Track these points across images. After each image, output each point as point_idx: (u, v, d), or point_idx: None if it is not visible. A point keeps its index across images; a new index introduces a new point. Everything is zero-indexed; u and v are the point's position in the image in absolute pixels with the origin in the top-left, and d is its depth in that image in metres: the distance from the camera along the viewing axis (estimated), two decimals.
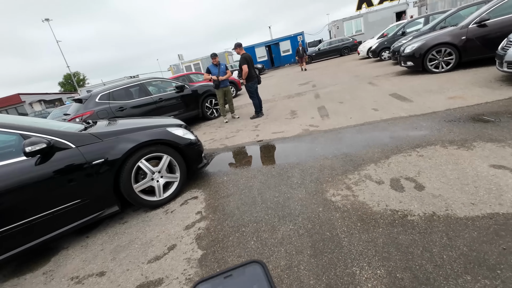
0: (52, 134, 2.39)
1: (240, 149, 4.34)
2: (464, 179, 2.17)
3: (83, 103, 5.65)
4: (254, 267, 0.29)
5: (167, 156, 2.95)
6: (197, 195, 3.04)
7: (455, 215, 1.82)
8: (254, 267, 0.29)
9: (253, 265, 0.29)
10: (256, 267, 0.29)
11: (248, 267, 0.29)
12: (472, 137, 2.81)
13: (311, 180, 2.75)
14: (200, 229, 2.37)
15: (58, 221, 2.38)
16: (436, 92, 4.76)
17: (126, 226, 2.71)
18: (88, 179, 2.48)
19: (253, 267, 0.29)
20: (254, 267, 0.29)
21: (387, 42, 11.22)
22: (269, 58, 26.51)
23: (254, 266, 0.29)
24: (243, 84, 6.08)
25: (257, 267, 0.29)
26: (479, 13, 5.56)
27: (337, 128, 4.15)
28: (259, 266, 0.29)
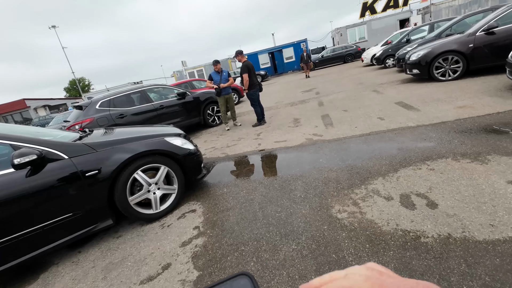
0: (44, 144, 2.29)
1: (241, 158, 4.22)
2: (481, 196, 2.02)
3: (83, 110, 5.59)
4: (243, 280, 0.28)
5: (164, 167, 2.83)
6: (195, 208, 2.90)
7: (473, 238, 1.66)
8: (242, 280, 0.28)
9: (241, 278, 0.28)
10: (244, 280, 0.28)
11: (236, 280, 0.28)
12: (486, 150, 2.66)
13: (315, 194, 2.60)
14: (197, 247, 2.23)
15: (48, 236, 2.26)
16: (444, 101, 4.62)
17: (120, 241, 2.58)
18: (81, 191, 2.36)
19: (241, 280, 0.28)
20: (243, 280, 0.28)
21: (391, 49, 11.13)
22: (272, 65, 26.55)
23: (242, 278, 0.28)
24: (245, 91, 5.99)
25: (245, 280, 0.28)
26: (487, 21, 5.44)
27: (341, 138, 4.01)
28: (247, 278, 0.28)
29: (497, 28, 5.24)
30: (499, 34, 5.26)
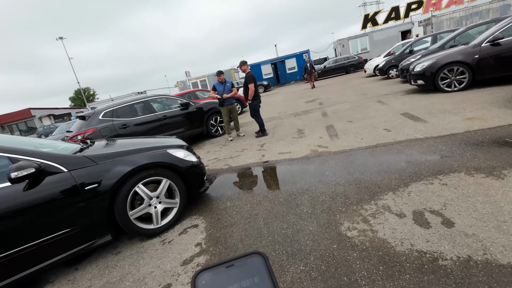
0: (43, 157, 2.22)
1: (245, 170, 4.13)
2: (500, 215, 1.90)
3: (86, 120, 5.57)
4: (256, 259, 0.28)
5: (166, 180, 2.74)
6: (197, 223, 2.80)
7: (497, 262, 1.54)
8: (255, 259, 0.28)
9: (255, 256, 0.28)
10: (257, 259, 0.28)
11: (250, 258, 0.28)
12: (500, 164, 2.55)
13: (322, 209, 2.49)
14: (199, 266, 2.11)
15: (44, 252, 2.17)
16: (451, 113, 4.54)
17: (119, 258, 2.47)
18: (79, 206, 2.28)
19: (254, 259, 0.28)
20: (256, 259, 0.28)
21: (394, 60, 11.15)
22: (275, 75, 26.77)
23: (255, 257, 0.28)
24: (248, 101, 5.94)
25: (258, 259, 0.28)
26: (492, 32, 5.41)
27: (347, 150, 3.92)
28: (260, 258, 0.28)
29: (502, 39, 5.21)
30: (505, 45, 5.23)
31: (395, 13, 24.28)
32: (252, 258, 0.28)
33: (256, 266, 0.27)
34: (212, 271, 0.27)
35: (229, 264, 0.28)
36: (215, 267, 0.28)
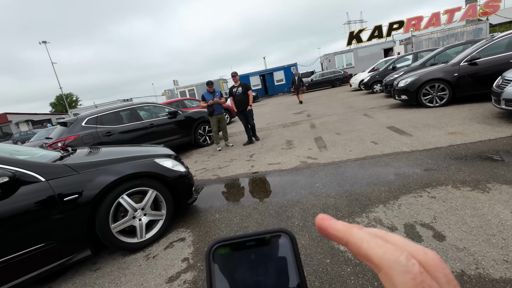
0: (18, 165, 2.07)
1: (234, 181, 4.04)
2: (488, 228, 1.93)
3: (67, 127, 5.33)
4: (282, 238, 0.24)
5: (152, 190, 2.62)
6: (184, 236, 2.67)
7: (489, 276, 1.54)
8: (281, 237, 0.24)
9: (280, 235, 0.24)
10: (283, 238, 0.24)
11: (274, 236, 0.24)
12: (484, 178, 2.63)
13: (313, 222, 2.44)
14: (185, 283, 2.00)
15: (14, 269, 1.98)
16: (434, 127, 4.70)
17: (98, 275, 2.30)
18: (57, 218, 2.12)
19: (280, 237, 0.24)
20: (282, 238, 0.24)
21: (378, 75, 11.58)
22: (263, 86, 27.10)
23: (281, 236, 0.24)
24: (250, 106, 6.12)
25: (284, 238, 0.24)
26: (470, 52, 5.74)
27: (336, 162, 3.94)
28: (286, 237, 0.24)
29: (479, 59, 5.53)
30: (482, 64, 5.54)
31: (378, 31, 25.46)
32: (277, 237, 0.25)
33: (280, 245, 0.24)
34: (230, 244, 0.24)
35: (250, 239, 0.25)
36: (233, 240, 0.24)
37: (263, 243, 0.24)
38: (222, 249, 0.24)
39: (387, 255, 0.19)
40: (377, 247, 0.20)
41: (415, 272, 0.18)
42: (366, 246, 0.21)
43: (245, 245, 0.24)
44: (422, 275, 0.18)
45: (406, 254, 0.19)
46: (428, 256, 0.20)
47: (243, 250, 0.24)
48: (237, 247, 0.24)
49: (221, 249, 0.24)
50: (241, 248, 0.24)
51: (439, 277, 0.19)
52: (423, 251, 0.20)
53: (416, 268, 0.19)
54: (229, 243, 0.24)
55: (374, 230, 0.22)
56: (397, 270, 0.19)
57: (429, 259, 0.20)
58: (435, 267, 0.19)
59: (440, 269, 0.19)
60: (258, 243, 0.24)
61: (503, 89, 4.07)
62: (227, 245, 0.24)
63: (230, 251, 0.24)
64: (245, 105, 6.05)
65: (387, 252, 0.20)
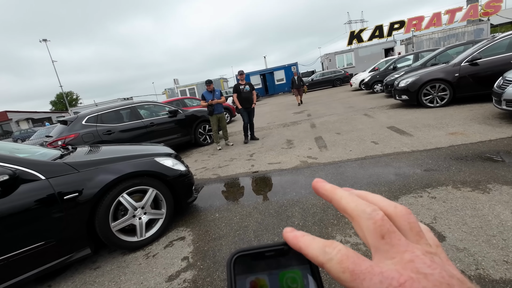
0: (19, 163, 2.06)
1: (234, 180, 4.04)
2: (488, 229, 1.93)
3: (68, 125, 5.32)
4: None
5: (153, 189, 2.62)
6: (184, 235, 2.67)
7: (490, 277, 1.54)
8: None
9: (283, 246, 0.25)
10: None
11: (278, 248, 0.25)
12: (485, 179, 2.63)
13: (314, 221, 2.45)
14: (185, 282, 2.00)
15: (14, 268, 1.98)
16: (435, 127, 4.69)
17: (98, 273, 2.30)
18: (57, 217, 2.12)
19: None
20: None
21: (379, 75, 11.57)
22: (264, 86, 27.09)
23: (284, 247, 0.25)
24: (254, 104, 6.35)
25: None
26: (471, 52, 5.74)
27: (337, 161, 3.94)
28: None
29: (480, 59, 5.52)
30: (482, 65, 5.54)
31: (379, 31, 25.44)
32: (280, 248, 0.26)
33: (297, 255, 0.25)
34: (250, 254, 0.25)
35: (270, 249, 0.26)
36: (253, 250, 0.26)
37: (281, 254, 0.25)
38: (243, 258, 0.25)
39: (357, 207, 0.23)
40: (352, 202, 0.24)
41: (377, 218, 0.22)
42: (344, 201, 0.24)
43: (264, 255, 0.25)
44: (382, 221, 0.22)
45: (373, 207, 0.23)
46: (397, 209, 0.23)
47: (263, 260, 0.25)
48: (256, 256, 0.25)
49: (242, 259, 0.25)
50: (260, 258, 0.25)
51: (403, 224, 0.22)
52: (393, 205, 0.24)
53: (379, 216, 0.22)
54: (249, 253, 0.25)
55: (358, 192, 0.26)
56: (363, 217, 0.22)
57: (397, 211, 0.23)
58: (401, 217, 0.23)
59: (405, 218, 0.23)
60: (277, 254, 0.25)
61: (504, 89, 4.06)
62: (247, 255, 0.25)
63: (250, 261, 0.25)
64: (251, 102, 6.26)
65: (358, 205, 0.23)
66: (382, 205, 0.24)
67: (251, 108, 6.28)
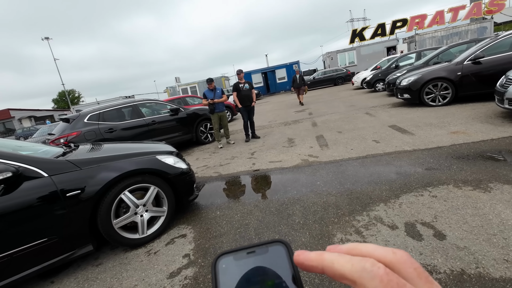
0: (22, 160, 2.08)
1: (235, 178, 4.05)
2: (489, 228, 1.93)
3: (70, 123, 5.35)
4: (278, 247, 0.27)
5: (154, 187, 2.64)
6: (185, 232, 2.69)
7: (489, 275, 1.55)
8: (278, 247, 0.27)
9: (277, 245, 0.27)
10: (280, 247, 0.27)
11: (272, 246, 0.27)
12: (486, 178, 2.62)
13: (314, 220, 2.46)
14: (186, 278, 2.01)
15: (17, 264, 2.00)
16: (436, 126, 4.68)
17: (100, 270, 2.32)
18: (59, 214, 2.14)
19: (277, 247, 0.27)
20: (278, 247, 0.27)
21: (381, 74, 11.51)
22: (265, 84, 27.05)
23: (278, 245, 0.27)
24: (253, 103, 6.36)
25: (281, 247, 0.27)
26: (474, 51, 5.70)
27: (338, 160, 3.94)
28: (283, 246, 0.27)
29: (483, 58, 5.49)
30: (485, 64, 5.50)
31: (381, 29, 25.30)
32: (275, 246, 0.27)
33: (278, 254, 0.26)
34: (233, 255, 0.27)
35: (251, 250, 0.27)
36: (236, 251, 0.27)
37: (262, 252, 0.27)
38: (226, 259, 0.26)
39: (355, 267, 0.20)
40: (346, 262, 0.21)
41: (380, 274, 0.19)
42: (337, 265, 0.21)
43: (246, 255, 0.27)
44: (388, 276, 0.19)
45: (371, 261, 0.20)
46: (397, 255, 0.21)
47: (245, 259, 0.26)
48: (239, 257, 0.27)
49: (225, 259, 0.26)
50: (243, 257, 0.27)
51: (409, 272, 0.20)
52: (391, 252, 0.22)
53: (382, 271, 0.20)
54: (231, 254, 0.27)
55: (347, 246, 0.24)
56: (366, 277, 0.20)
57: (398, 258, 0.21)
58: (404, 263, 0.21)
59: (409, 265, 0.20)
60: (258, 252, 0.27)
61: (506, 88, 4.04)
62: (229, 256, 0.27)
63: (233, 261, 0.26)
64: (250, 100, 6.28)
65: (354, 264, 0.21)
66: (378, 254, 0.22)
67: (251, 107, 6.30)
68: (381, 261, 0.21)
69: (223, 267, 0.26)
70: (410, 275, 0.20)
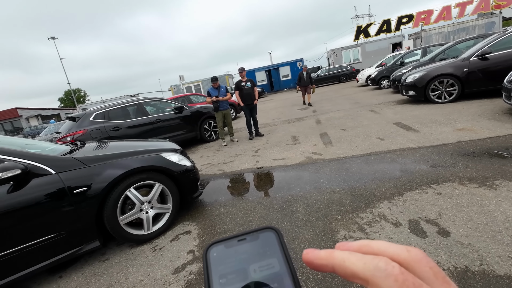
0: (31, 158, 2.13)
1: (239, 176, 4.07)
2: (494, 225, 1.92)
3: (76, 121, 5.42)
4: (269, 234, 0.27)
5: (159, 184, 2.67)
6: (190, 229, 2.72)
7: (494, 272, 1.54)
8: (269, 233, 0.27)
9: (268, 231, 0.27)
10: (271, 234, 0.27)
11: (263, 233, 0.27)
12: (492, 175, 2.60)
13: (318, 217, 2.47)
14: (191, 274, 2.04)
15: (27, 259, 2.05)
16: (442, 123, 4.63)
17: (107, 265, 2.37)
18: (67, 210, 2.18)
19: (268, 233, 0.27)
20: (269, 234, 0.27)
21: (386, 71, 11.41)
22: (269, 82, 27.00)
23: (269, 232, 0.27)
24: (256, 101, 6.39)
25: (271, 234, 0.27)
26: (481, 46, 5.61)
27: (342, 158, 3.93)
28: (273, 233, 0.27)
29: (490, 54, 5.40)
30: (492, 59, 5.41)
31: (387, 26, 25.01)
32: (265, 233, 0.27)
33: (268, 241, 0.27)
34: (224, 243, 0.27)
35: (241, 237, 0.27)
36: (227, 240, 0.27)
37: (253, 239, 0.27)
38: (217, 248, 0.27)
39: (367, 266, 0.20)
40: (357, 260, 0.20)
41: (395, 273, 0.19)
42: (348, 263, 0.21)
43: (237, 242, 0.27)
44: (403, 275, 0.19)
45: (385, 259, 0.20)
46: (411, 253, 0.20)
47: (236, 246, 0.27)
48: (230, 245, 0.27)
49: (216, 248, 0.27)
50: (234, 245, 0.27)
51: (424, 271, 0.19)
52: (405, 249, 0.21)
53: (396, 270, 0.19)
54: (222, 242, 0.27)
55: (357, 243, 0.23)
56: (379, 276, 0.19)
57: (413, 256, 0.20)
58: (419, 262, 0.20)
59: (424, 263, 0.20)
60: (248, 240, 0.27)
61: None
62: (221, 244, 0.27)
63: (224, 249, 0.27)
64: (253, 98, 6.30)
65: (367, 262, 0.20)
66: (391, 252, 0.21)
67: (253, 105, 6.31)
68: (394, 259, 0.20)
69: (214, 255, 0.26)
70: (426, 275, 0.19)
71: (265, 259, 0.26)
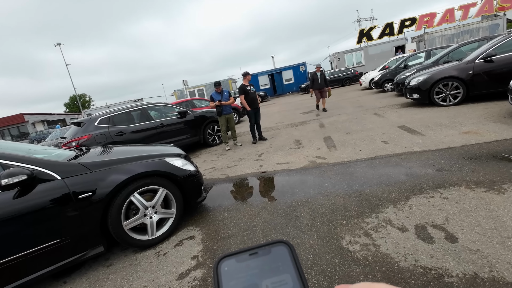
0: (36, 163, 2.15)
1: (242, 180, 4.06)
2: (503, 230, 1.88)
3: (81, 127, 5.48)
4: (281, 248, 0.27)
5: (163, 189, 2.67)
6: (194, 234, 2.71)
7: (504, 279, 1.50)
8: (280, 247, 0.27)
9: (280, 245, 0.27)
10: (282, 248, 0.27)
11: (275, 247, 0.27)
12: (500, 179, 2.55)
13: (322, 222, 2.44)
14: (195, 280, 2.03)
15: (31, 264, 2.06)
16: (447, 126, 4.58)
17: (111, 270, 2.36)
18: (72, 215, 2.19)
19: (279, 247, 0.27)
20: (281, 248, 0.27)
21: (389, 74, 11.37)
22: (272, 86, 27.06)
23: (281, 246, 0.27)
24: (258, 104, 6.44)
25: (284, 248, 0.27)
26: (485, 49, 5.57)
27: (346, 162, 3.90)
28: (286, 247, 0.27)
29: (495, 56, 5.36)
30: (498, 62, 5.37)
31: (389, 29, 25.00)
32: (277, 247, 0.27)
33: (281, 255, 0.26)
34: (235, 257, 0.26)
35: (253, 251, 0.27)
36: (238, 253, 0.27)
37: (265, 253, 0.26)
38: (228, 262, 0.26)
39: None
40: None
41: None
42: None
43: (248, 256, 0.26)
44: None
45: None
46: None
47: (248, 261, 0.26)
48: (241, 259, 0.26)
49: (227, 262, 0.26)
50: (245, 259, 0.26)
51: None
52: None
53: None
54: (233, 256, 0.26)
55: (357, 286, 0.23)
56: None
57: None
58: None
59: None
60: (260, 254, 0.26)
61: None
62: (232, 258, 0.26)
63: (236, 263, 0.26)
64: (257, 102, 6.35)
65: None
66: None
67: (257, 109, 6.35)
68: None
69: (225, 269, 0.25)
70: None
71: (278, 275, 0.25)
